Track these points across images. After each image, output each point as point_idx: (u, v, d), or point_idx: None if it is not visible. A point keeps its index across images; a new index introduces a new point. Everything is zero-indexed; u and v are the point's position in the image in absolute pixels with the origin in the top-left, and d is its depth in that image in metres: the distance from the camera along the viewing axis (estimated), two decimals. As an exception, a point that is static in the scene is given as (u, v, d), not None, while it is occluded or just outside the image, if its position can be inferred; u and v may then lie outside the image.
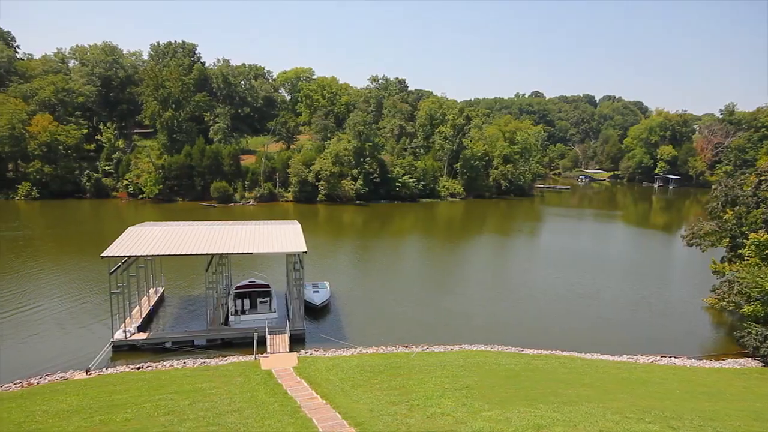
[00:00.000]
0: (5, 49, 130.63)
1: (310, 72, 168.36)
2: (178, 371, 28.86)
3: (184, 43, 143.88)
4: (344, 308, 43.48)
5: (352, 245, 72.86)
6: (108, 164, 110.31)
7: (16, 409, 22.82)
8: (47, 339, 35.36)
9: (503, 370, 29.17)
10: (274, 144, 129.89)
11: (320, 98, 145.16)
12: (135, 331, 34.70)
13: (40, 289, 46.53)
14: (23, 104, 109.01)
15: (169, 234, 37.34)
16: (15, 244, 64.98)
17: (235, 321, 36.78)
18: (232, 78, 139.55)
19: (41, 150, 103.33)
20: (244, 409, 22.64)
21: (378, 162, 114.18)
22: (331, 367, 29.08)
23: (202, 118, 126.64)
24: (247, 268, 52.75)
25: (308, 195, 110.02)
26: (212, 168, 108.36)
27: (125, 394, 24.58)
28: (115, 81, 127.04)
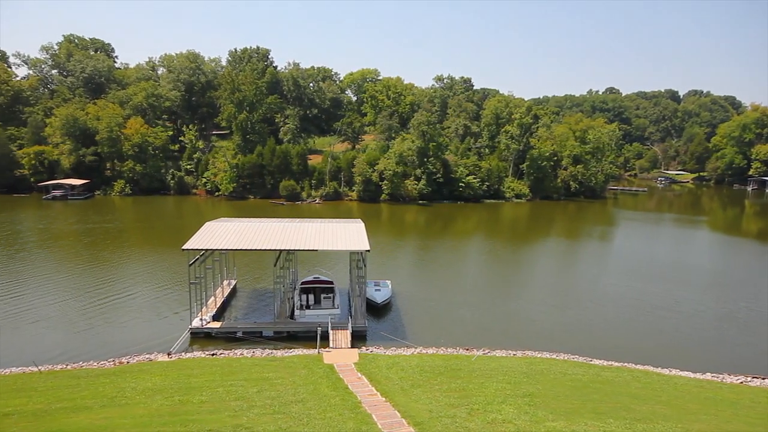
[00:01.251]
0: (106, 60, 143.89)
1: (375, 73, 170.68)
2: (248, 360, 30.56)
3: (259, 48, 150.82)
4: (405, 307, 43.95)
5: (414, 245, 73.23)
6: (189, 163, 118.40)
7: (110, 384, 25.29)
8: (135, 323, 38.63)
9: (569, 380, 28.31)
10: (340, 144, 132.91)
11: (385, 99, 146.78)
12: (210, 320, 37.09)
13: (130, 278, 50.81)
14: (120, 109, 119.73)
15: (242, 229, 39.55)
16: (108, 235, 71.28)
17: (300, 315, 38.29)
18: (301, 80, 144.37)
19: (133, 150, 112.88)
20: (307, 400, 23.68)
21: (441, 162, 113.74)
22: (391, 365, 29.61)
23: (273, 120, 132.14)
24: (312, 265, 54.58)
25: (372, 194, 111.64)
26: (281, 167, 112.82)
27: (201, 378, 26.45)
28: (197, 86, 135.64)
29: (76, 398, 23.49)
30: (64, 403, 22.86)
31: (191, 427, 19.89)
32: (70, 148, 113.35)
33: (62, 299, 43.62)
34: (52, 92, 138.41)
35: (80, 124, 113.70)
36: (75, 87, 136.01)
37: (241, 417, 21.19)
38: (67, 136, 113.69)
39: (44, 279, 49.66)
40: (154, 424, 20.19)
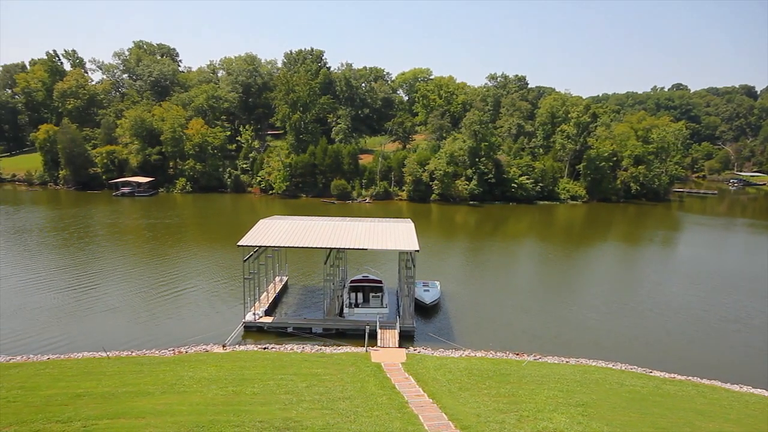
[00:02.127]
0: (171, 64, 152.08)
1: (427, 72, 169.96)
2: (298, 355, 31.28)
3: (313, 50, 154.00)
4: (454, 309, 43.53)
5: (464, 246, 72.37)
6: (245, 162, 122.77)
7: (170, 372, 26.63)
8: (193, 315, 40.47)
9: (627, 391, 27.08)
10: (391, 144, 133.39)
11: (437, 98, 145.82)
12: (262, 315, 38.25)
13: (188, 271, 53.26)
14: (182, 110, 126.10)
15: (294, 227, 40.51)
16: (170, 231, 75.07)
17: (349, 313, 38.75)
18: (354, 81, 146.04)
19: (194, 150, 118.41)
20: (354, 397, 23.94)
21: (493, 162, 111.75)
22: (438, 367, 29.43)
23: (325, 120, 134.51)
24: (361, 263, 55.10)
25: (422, 194, 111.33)
26: (333, 167, 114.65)
27: (253, 370, 27.33)
28: (253, 87, 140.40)
29: (140, 383, 24.89)
30: (129, 387, 24.29)
31: (243, 417, 20.59)
32: (138, 148, 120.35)
33: (128, 291, 46.35)
34: (123, 95, 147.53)
35: (147, 125, 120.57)
36: (143, 90, 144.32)
37: (291, 411, 21.72)
38: (135, 136, 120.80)
39: (112, 271, 52.94)
40: (209, 413, 21.07)
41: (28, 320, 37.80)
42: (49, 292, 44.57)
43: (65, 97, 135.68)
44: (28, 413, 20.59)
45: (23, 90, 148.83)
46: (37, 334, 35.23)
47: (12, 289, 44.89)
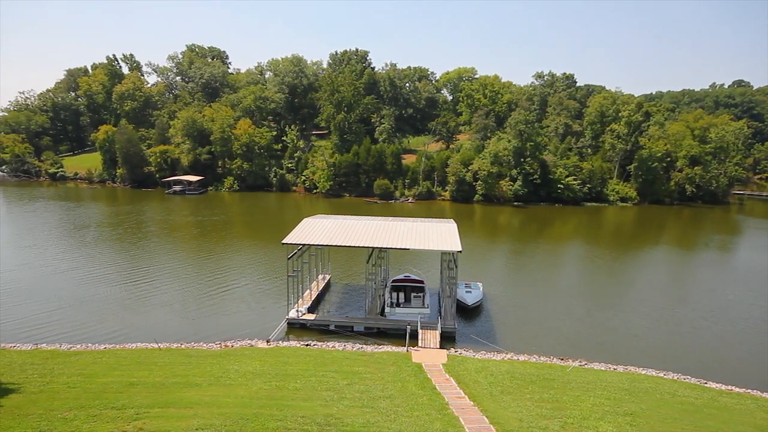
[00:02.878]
0: (221, 66, 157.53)
1: (472, 71, 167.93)
2: (339, 352, 31.64)
3: (358, 50, 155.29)
4: (496, 311, 42.84)
5: (508, 248, 71.07)
6: (290, 162, 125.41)
7: (216, 365, 27.55)
8: (238, 310, 41.66)
9: (679, 403, 25.86)
10: (434, 144, 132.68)
11: (481, 97, 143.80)
12: (305, 312, 38.93)
13: (234, 268, 54.88)
14: (231, 111, 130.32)
15: (337, 226, 40.99)
16: (217, 228, 77.62)
17: (390, 313, 38.83)
18: (398, 81, 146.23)
19: (242, 150, 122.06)
20: (395, 396, 23.98)
21: (539, 162, 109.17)
22: (480, 369, 29.05)
23: (369, 120, 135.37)
24: (403, 263, 55.10)
25: (465, 194, 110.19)
26: (376, 166, 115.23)
27: (296, 366, 27.87)
28: (299, 88, 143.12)
29: (188, 375, 25.87)
30: (179, 378, 25.29)
31: (286, 411, 21.03)
32: (189, 147, 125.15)
33: (178, 286, 48.26)
34: (176, 97, 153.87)
35: (198, 126, 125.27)
36: (194, 92, 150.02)
37: (332, 407, 22.01)
38: (187, 136, 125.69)
39: (164, 267, 55.27)
40: (253, 406, 21.65)
41: (88, 311, 40.01)
42: (107, 286, 47.02)
43: (123, 99, 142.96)
44: (86, 399, 21.80)
45: (85, 93, 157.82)
46: (96, 324, 37.23)
47: (75, 282, 47.64)
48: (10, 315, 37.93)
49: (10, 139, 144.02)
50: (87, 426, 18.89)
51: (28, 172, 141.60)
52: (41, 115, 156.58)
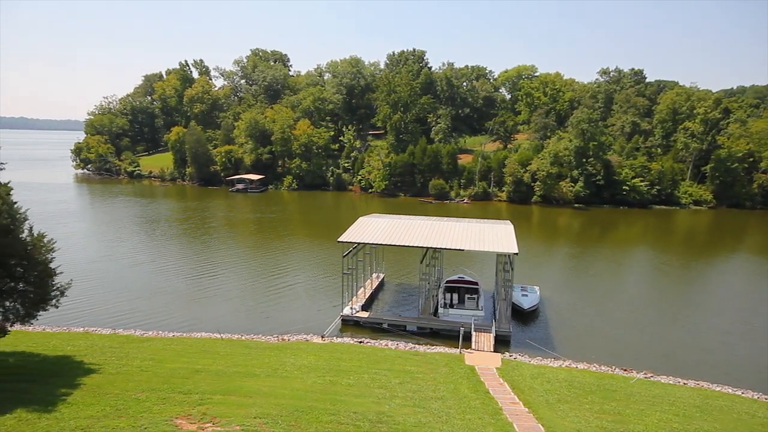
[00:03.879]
0: (282, 69, 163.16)
1: (532, 69, 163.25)
2: (392, 351, 31.92)
3: (415, 50, 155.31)
4: (554, 316, 41.61)
5: (567, 251, 68.72)
6: (347, 162, 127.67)
7: (274, 357, 28.62)
8: (295, 305, 42.98)
9: (759, 424, 23.99)
10: (491, 143, 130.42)
11: (541, 96, 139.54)
12: (359, 309, 39.56)
13: (291, 264, 56.64)
14: (291, 112, 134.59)
15: (392, 225, 41.34)
16: (276, 225, 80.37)
17: (444, 313, 38.69)
18: (455, 80, 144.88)
19: (300, 149, 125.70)
20: (447, 398, 23.94)
21: (603, 163, 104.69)
22: (536, 376, 28.38)
23: (425, 120, 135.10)
24: (457, 264, 54.68)
25: (522, 195, 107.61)
26: (432, 166, 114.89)
27: (349, 363, 28.42)
28: (357, 89, 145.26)
29: (248, 365, 27.06)
30: (239, 368, 26.51)
31: (339, 407, 21.56)
32: (251, 147, 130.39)
33: (239, 280, 50.46)
34: (240, 99, 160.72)
35: (260, 127, 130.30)
36: (257, 94, 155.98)
37: (384, 405, 22.30)
38: (250, 137, 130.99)
39: (226, 261, 57.94)
40: (307, 399, 22.35)
41: (159, 302, 42.70)
42: (176, 279, 49.94)
43: (193, 102, 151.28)
44: (157, 382, 23.34)
45: (160, 96, 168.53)
46: (166, 314, 39.65)
47: (149, 275, 50.94)
48: (93, 302, 41.16)
49: (95, 140, 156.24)
50: (157, 407, 20.25)
51: (110, 171, 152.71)
52: (122, 118, 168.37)
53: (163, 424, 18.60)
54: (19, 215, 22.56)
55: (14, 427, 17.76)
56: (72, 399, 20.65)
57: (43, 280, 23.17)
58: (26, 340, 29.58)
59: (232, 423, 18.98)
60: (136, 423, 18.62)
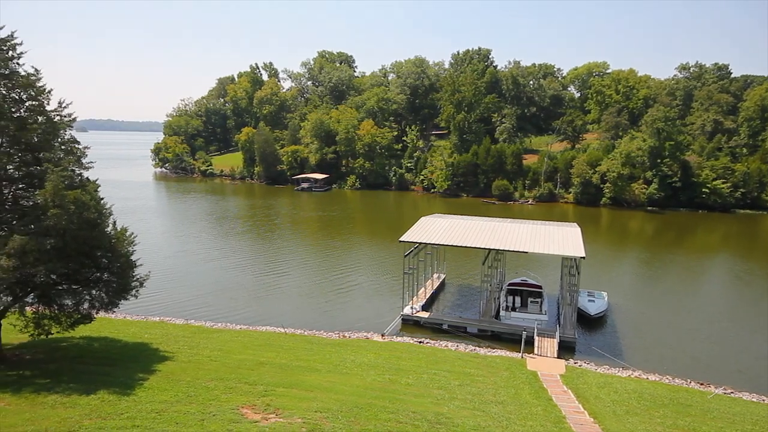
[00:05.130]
0: (347, 70, 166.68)
1: (603, 66, 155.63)
2: (451, 352, 31.61)
3: (480, 49, 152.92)
4: (622, 323, 39.51)
5: (638, 256, 65.00)
6: (409, 161, 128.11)
7: (335, 353, 29.22)
8: (355, 303, 43.61)
9: None
10: (558, 143, 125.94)
11: (613, 93, 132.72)
12: (419, 309, 39.48)
13: (353, 262, 57.52)
14: (355, 113, 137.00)
15: (454, 226, 40.95)
16: (339, 224, 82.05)
17: (506, 317, 37.81)
18: (521, 79, 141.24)
19: (364, 149, 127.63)
20: (507, 403, 23.39)
21: (680, 163, 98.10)
22: (602, 385, 27.09)
23: (489, 119, 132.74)
24: (520, 266, 53.27)
25: (591, 197, 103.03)
26: (495, 167, 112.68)
27: (409, 362, 28.46)
28: (420, 89, 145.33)
29: (310, 360, 27.79)
30: (301, 362, 27.30)
31: (398, 405, 21.64)
32: (316, 147, 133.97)
33: (302, 276, 51.92)
34: (307, 100, 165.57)
35: (325, 127, 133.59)
36: (323, 95, 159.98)
37: (443, 406, 22.15)
38: (315, 137, 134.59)
39: (290, 258, 59.85)
40: (367, 396, 22.61)
41: (228, 295, 44.78)
42: (244, 274, 52.21)
43: (262, 104, 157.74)
44: (224, 372, 24.51)
45: (231, 98, 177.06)
46: (234, 307, 41.51)
47: (219, 270, 53.57)
48: (168, 294, 43.86)
49: (172, 140, 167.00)
50: (225, 396, 21.27)
51: (185, 169, 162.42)
52: (196, 119, 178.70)
53: (229, 413, 19.50)
54: (105, 210, 24.44)
55: (98, 407, 19.28)
56: (148, 384, 22.12)
57: (124, 271, 24.94)
58: (109, 327, 32.05)
59: (294, 415, 19.56)
60: (205, 410, 19.64)
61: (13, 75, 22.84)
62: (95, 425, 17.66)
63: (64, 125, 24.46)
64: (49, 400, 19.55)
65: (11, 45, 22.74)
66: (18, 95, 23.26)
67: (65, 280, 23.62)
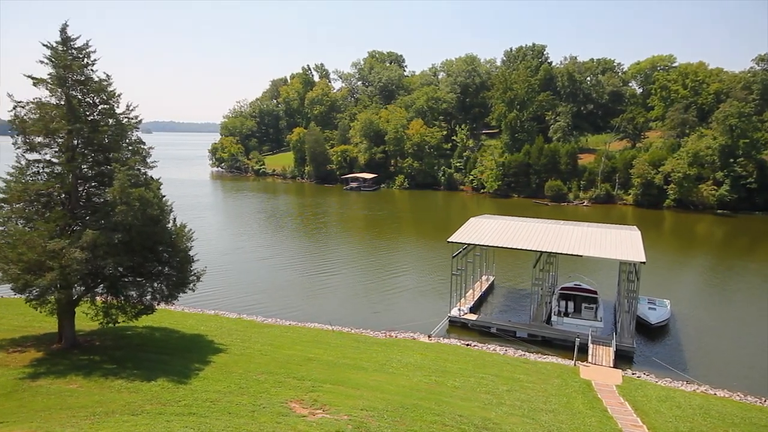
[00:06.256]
0: (397, 70, 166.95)
1: (669, 60, 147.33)
2: (500, 356, 30.90)
3: (534, 45, 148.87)
4: (686, 334, 37.25)
5: (705, 263, 61.11)
6: (459, 161, 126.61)
7: (381, 353, 29.27)
8: (402, 303, 43.51)
9: None
10: (617, 142, 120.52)
11: (680, 88, 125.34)
12: (467, 311, 38.89)
13: (400, 262, 57.45)
14: (404, 112, 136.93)
15: (504, 227, 40.05)
16: (387, 223, 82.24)
17: (558, 322, 36.57)
18: (577, 75, 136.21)
19: (413, 149, 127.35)
20: (558, 412, 22.58)
21: (755, 163, 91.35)
22: (663, 399, 25.62)
23: (543, 118, 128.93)
24: (573, 270, 51.43)
25: (652, 199, 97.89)
26: (548, 166, 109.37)
27: (455, 364, 28.06)
28: (471, 87, 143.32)
29: (357, 358, 27.97)
30: (348, 360, 27.52)
31: (444, 407, 21.36)
32: (365, 147, 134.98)
33: (350, 275, 52.42)
34: (356, 100, 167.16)
35: (374, 127, 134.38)
36: (373, 95, 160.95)
37: (490, 411, 21.66)
38: (364, 136, 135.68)
39: (337, 257, 60.57)
40: (413, 397, 22.47)
41: (278, 292, 45.93)
42: (293, 272, 53.38)
43: (313, 104, 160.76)
44: (274, 366, 25.10)
45: (284, 100, 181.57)
46: (284, 304, 42.49)
47: (271, 268, 55.07)
48: (224, 289, 45.50)
49: (228, 141, 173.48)
50: (274, 389, 21.77)
51: (239, 169, 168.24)
52: (250, 120, 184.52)
53: (278, 406, 19.92)
54: (166, 207, 25.68)
55: (158, 393, 20.24)
56: (203, 374, 22.99)
57: (183, 266, 26.11)
58: (169, 318, 33.61)
59: (341, 412, 19.72)
60: (255, 402, 20.17)
61: (88, 81, 24.40)
62: (156, 410, 18.54)
63: (131, 127, 25.90)
64: (116, 385, 20.73)
65: (86, 53, 24.32)
66: (92, 99, 24.82)
67: (130, 273, 24.99)
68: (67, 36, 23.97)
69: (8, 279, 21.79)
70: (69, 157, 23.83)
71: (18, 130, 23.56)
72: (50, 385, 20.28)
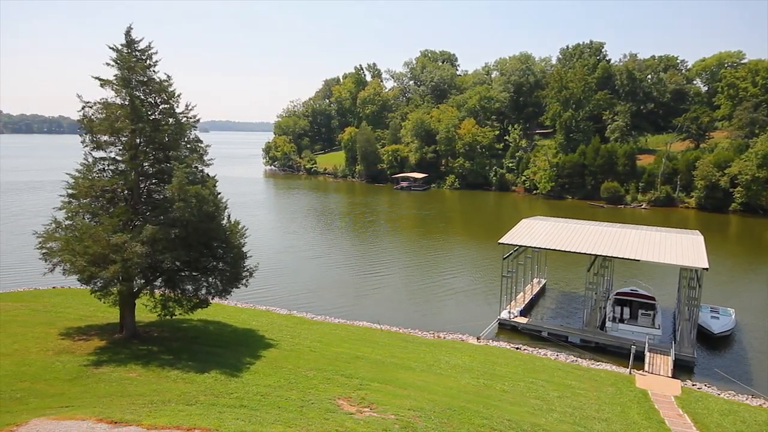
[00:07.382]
0: (449, 69, 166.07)
1: (738, 56, 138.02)
2: (551, 362, 30.13)
3: (591, 42, 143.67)
4: (753, 345, 34.92)
5: (780, 271, 56.93)
6: (511, 161, 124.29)
7: (429, 353, 29.24)
8: (451, 304, 43.25)
9: None
10: (679, 142, 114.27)
11: (749, 86, 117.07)
12: (517, 314, 38.12)
13: (450, 262, 57.09)
14: (456, 112, 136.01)
15: (557, 229, 39.01)
16: (435, 223, 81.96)
17: (612, 328, 35.22)
18: (637, 73, 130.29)
19: (464, 149, 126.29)
20: (612, 421, 21.81)
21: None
22: (726, 412, 24.18)
23: (599, 117, 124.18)
24: (630, 275, 49.26)
25: (717, 202, 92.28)
26: (605, 167, 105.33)
27: (504, 368, 27.62)
28: (525, 86, 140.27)
29: (404, 358, 28.08)
30: (396, 359, 27.67)
31: (492, 411, 21.09)
32: (416, 147, 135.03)
33: (400, 274, 52.62)
34: (408, 100, 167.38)
35: (425, 126, 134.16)
36: (425, 94, 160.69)
37: (540, 417, 21.20)
38: (415, 136, 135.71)
39: (387, 256, 60.91)
40: (460, 399, 22.32)
41: (328, 290, 46.74)
42: (343, 271, 54.22)
43: (365, 104, 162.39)
44: (323, 363, 25.60)
45: (336, 99, 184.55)
46: (333, 301, 43.21)
47: (322, 266, 56.08)
48: (275, 286, 46.80)
49: (281, 140, 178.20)
50: (322, 386, 22.22)
51: (292, 167, 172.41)
52: (303, 120, 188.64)
53: (326, 402, 20.32)
54: (221, 204, 26.70)
55: (211, 384, 21.13)
56: (254, 368, 23.77)
57: (237, 261, 27.05)
58: (222, 313, 34.96)
59: (388, 411, 19.87)
60: (304, 397, 20.67)
61: (150, 81, 25.70)
62: (209, 401, 19.37)
63: (190, 126, 27.07)
64: (172, 375, 21.80)
65: (149, 54, 25.66)
66: (153, 99, 26.13)
67: (187, 268, 26.14)
68: (131, 39, 25.15)
69: (75, 270, 23.09)
70: (132, 155, 25.09)
71: (86, 129, 24.93)
72: (112, 373, 21.50)
